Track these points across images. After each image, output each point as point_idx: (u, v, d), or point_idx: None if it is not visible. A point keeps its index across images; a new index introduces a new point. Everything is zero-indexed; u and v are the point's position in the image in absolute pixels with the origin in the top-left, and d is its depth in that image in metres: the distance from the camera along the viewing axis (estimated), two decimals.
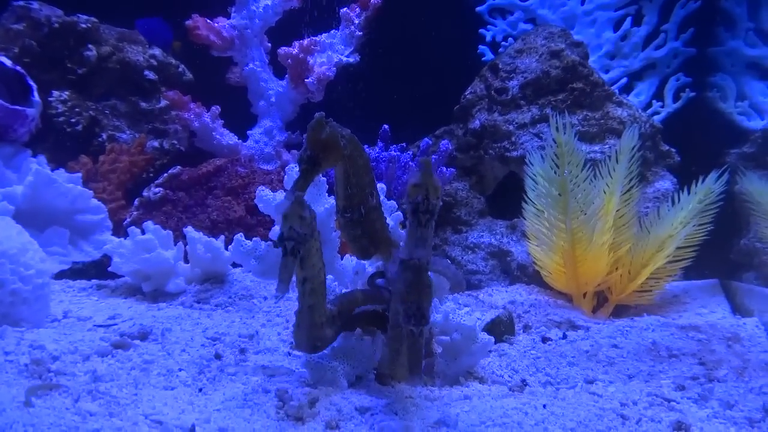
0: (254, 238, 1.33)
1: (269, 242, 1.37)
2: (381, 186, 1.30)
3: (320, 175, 1.26)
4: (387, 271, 1.24)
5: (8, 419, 0.86)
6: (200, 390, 1.12)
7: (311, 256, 1.02)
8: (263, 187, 1.32)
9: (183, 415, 0.99)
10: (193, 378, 1.16)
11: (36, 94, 1.96)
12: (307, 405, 1.06)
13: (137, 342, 1.31)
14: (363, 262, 1.29)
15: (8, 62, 1.91)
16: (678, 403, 1.19)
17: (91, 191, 2.01)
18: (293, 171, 1.34)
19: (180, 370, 1.17)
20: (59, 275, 1.85)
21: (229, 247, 1.41)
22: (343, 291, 1.30)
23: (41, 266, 1.39)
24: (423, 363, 1.15)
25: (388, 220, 1.28)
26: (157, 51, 2.61)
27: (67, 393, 0.98)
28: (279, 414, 1.04)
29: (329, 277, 1.22)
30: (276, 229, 1.38)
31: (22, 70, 1.94)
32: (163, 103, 2.55)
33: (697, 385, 1.28)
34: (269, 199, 1.31)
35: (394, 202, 1.40)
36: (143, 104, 2.56)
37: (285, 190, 1.31)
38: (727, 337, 1.51)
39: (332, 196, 1.37)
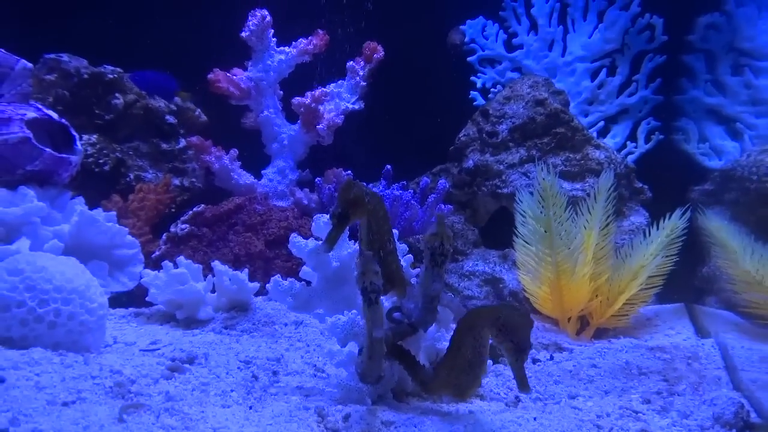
0: (289, 279, 1.57)
1: (303, 282, 1.61)
2: (395, 231, 1.54)
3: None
4: (402, 306, 1.48)
5: None
6: (250, 407, 1.33)
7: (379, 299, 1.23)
8: (296, 234, 1.56)
9: (243, 429, 1.19)
10: (243, 398, 1.37)
11: (78, 143, 2.17)
12: (341, 420, 1.28)
13: (187, 366, 1.52)
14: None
15: (55, 115, 2.13)
16: (644, 414, 1.42)
17: (127, 228, 2.22)
18: (320, 220, 1.59)
19: (231, 391, 1.38)
20: None
21: (270, 285, 1.63)
22: None
23: (101, 300, 1.61)
24: None
25: (402, 261, 1.52)
26: (176, 98, 2.84)
27: (150, 411, 1.18)
28: (320, 427, 1.25)
29: (353, 311, 1.46)
30: (306, 269, 1.62)
31: (67, 122, 2.16)
32: (182, 143, 2.77)
33: (661, 398, 1.51)
34: (302, 245, 1.55)
35: (406, 245, 1.64)
36: (164, 145, 2.78)
37: (315, 238, 1.54)
38: (688, 356, 1.75)
39: (353, 241, 1.62)
